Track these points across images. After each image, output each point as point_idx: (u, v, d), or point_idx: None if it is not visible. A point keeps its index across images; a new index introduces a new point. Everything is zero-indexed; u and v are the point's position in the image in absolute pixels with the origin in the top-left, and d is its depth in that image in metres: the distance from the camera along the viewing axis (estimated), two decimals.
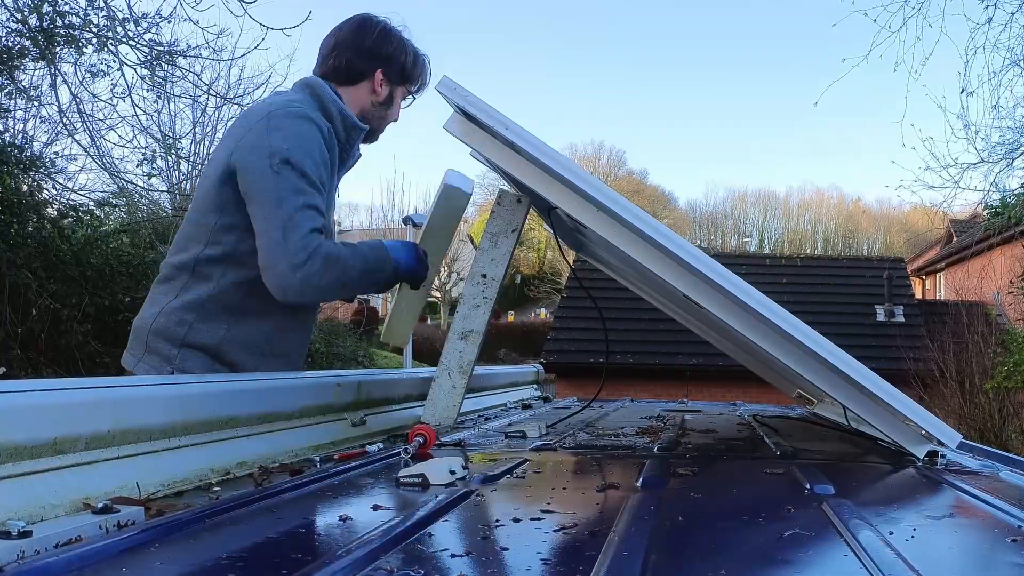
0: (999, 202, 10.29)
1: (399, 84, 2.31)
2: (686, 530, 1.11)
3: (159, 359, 2.08)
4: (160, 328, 2.09)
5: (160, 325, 2.09)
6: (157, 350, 2.09)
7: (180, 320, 2.08)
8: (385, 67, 2.27)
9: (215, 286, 2.08)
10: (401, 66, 2.29)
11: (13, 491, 1.00)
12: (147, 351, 2.10)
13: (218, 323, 2.08)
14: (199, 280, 2.09)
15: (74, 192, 8.51)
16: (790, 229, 52.89)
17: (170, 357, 2.07)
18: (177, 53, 7.38)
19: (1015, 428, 9.21)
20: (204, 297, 2.08)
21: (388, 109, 2.32)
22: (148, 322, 2.12)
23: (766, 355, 1.89)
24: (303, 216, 1.96)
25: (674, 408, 3.33)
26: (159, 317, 2.10)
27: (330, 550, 0.90)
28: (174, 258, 2.16)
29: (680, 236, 1.76)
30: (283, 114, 2.06)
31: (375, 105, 2.28)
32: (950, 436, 1.74)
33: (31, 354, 7.04)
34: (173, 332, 2.08)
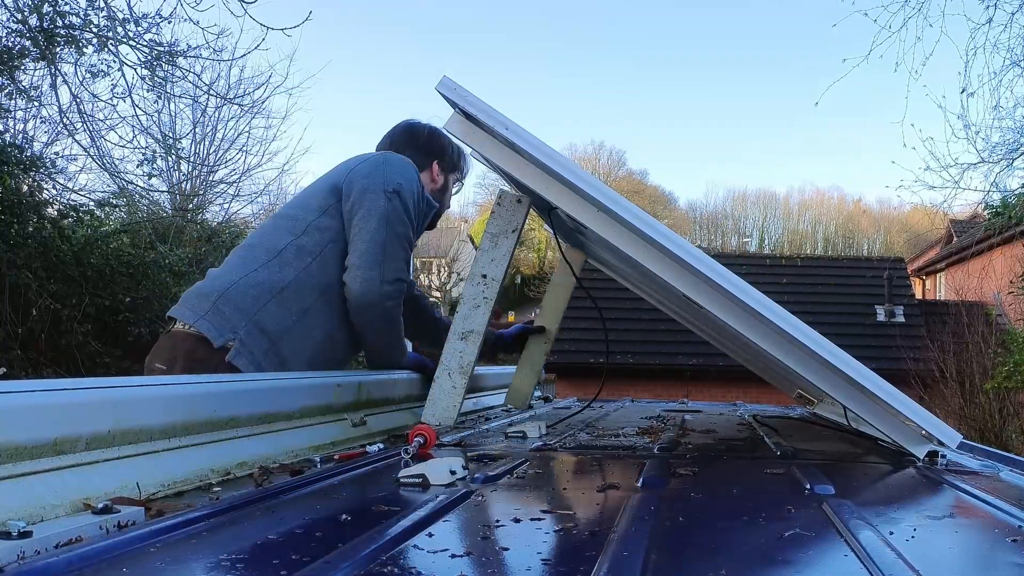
0: (999, 202, 10.30)
1: (451, 172, 2.61)
2: (686, 530, 1.11)
3: (223, 321, 2.15)
4: (235, 296, 2.18)
5: (236, 293, 2.18)
6: (224, 314, 2.16)
7: (257, 296, 2.18)
8: (440, 159, 2.57)
9: (295, 275, 2.22)
10: (452, 158, 2.60)
11: (13, 491, 1.00)
12: (215, 312, 2.17)
13: (288, 313, 2.20)
14: (282, 265, 2.22)
15: (74, 192, 8.52)
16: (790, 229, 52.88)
17: (236, 327, 2.15)
18: (177, 53, 7.38)
19: (1015, 428, 9.21)
20: (283, 282, 2.20)
21: (444, 195, 2.60)
22: (223, 287, 2.20)
23: (766, 355, 1.89)
24: (402, 247, 2.27)
25: (674, 408, 3.33)
26: (237, 285, 2.19)
27: (330, 550, 0.90)
28: (262, 237, 2.32)
29: (680, 236, 1.76)
30: (398, 160, 2.37)
31: (433, 193, 2.52)
32: (950, 436, 1.74)
33: (31, 354, 7.04)
34: (247, 306, 2.17)
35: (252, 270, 2.22)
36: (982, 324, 10.72)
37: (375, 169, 2.29)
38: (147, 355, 2.28)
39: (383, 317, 2.25)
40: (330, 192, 2.30)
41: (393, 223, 2.24)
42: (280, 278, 2.20)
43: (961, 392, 9.77)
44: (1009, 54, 8.78)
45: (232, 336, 2.13)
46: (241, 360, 2.13)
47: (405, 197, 2.27)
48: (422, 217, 2.41)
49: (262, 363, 2.15)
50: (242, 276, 2.21)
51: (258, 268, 2.22)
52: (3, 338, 6.78)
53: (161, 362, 2.20)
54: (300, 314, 2.20)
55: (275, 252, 2.23)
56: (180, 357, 2.16)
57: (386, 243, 2.22)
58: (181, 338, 2.18)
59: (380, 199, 2.23)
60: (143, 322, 7.47)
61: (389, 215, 2.23)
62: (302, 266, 2.22)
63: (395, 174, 2.28)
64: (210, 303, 2.18)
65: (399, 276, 2.26)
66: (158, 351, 2.25)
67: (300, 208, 2.32)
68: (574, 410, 2.97)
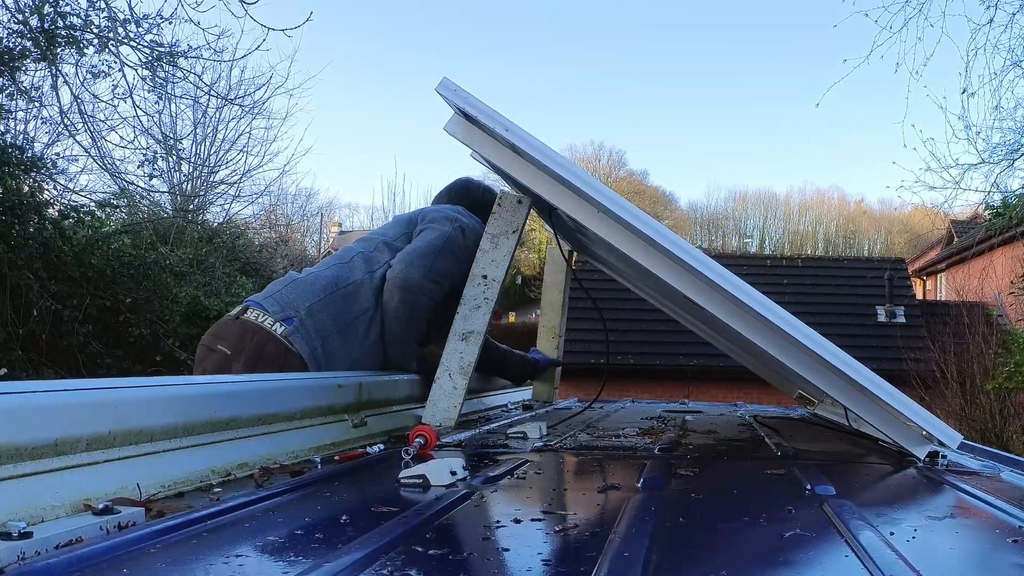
0: (1000, 203, 10.29)
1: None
2: (687, 531, 1.11)
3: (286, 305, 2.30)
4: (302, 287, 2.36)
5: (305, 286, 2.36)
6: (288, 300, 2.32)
7: (322, 287, 2.36)
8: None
9: (359, 276, 2.37)
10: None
11: (14, 492, 1.00)
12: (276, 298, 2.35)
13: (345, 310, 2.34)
14: (351, 268, 2.39)
15: (75, 193, 8.53)
16: (791, 230, 52.85)
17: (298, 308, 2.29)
18: (178, 54, 7.39)
19: (1016, 429, 9.20)
20: (346, 280, 2.37)
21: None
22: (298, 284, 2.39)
23: (767, 356, 1.89)
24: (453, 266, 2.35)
25: (675, 409, 3.33)
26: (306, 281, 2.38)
27: (331, 551, 0.90)
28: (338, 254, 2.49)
29: (681, 237, 1.76)
30: (472, 216, 2.52)
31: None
32: (951, 437, 1.74)
33: (32, 355, 7.05)
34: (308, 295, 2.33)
35: (321, 270, 2.42)
36: (983, 325, 10.70)
37: (449, 211, 2.49)
38: (206, 335, 2.36)
39: (410, 304, 2.32)
40: (406, 223, 2.51)
41: (452, 245, 2.38)
42: (345, 276, 2.37)
43: (962, 393, 9.76)
44: (1010, 54, 8.79)
45: (293, 314, 2.27)
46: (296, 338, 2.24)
47: (468, 234, 2.40)
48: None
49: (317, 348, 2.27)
50: (313, 274, 2.41)
51: (326, 268, 2.42)
52: (4, 339, 6.79)
53: (227, 346, 2.27)
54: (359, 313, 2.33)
55: (344, 260, 2.42)
56: (249, 347, 2.23)
57: (441, 251, 2.36)
58: (254, 329, 2.25)
59: (446, 224, 2.41)
60: (144, 323, 7.47)
61: (450, 236, 2.38)
62: (368, 270, 2.38)
63: (466, 217, 2.48)
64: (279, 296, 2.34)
65: (441, 281, 2.35)
66: (223, 334, 2.30)
67: (377, 233, 2.54)
68: (575, 411, 2.97)
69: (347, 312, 2.34)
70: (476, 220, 2.50)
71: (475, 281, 2.14)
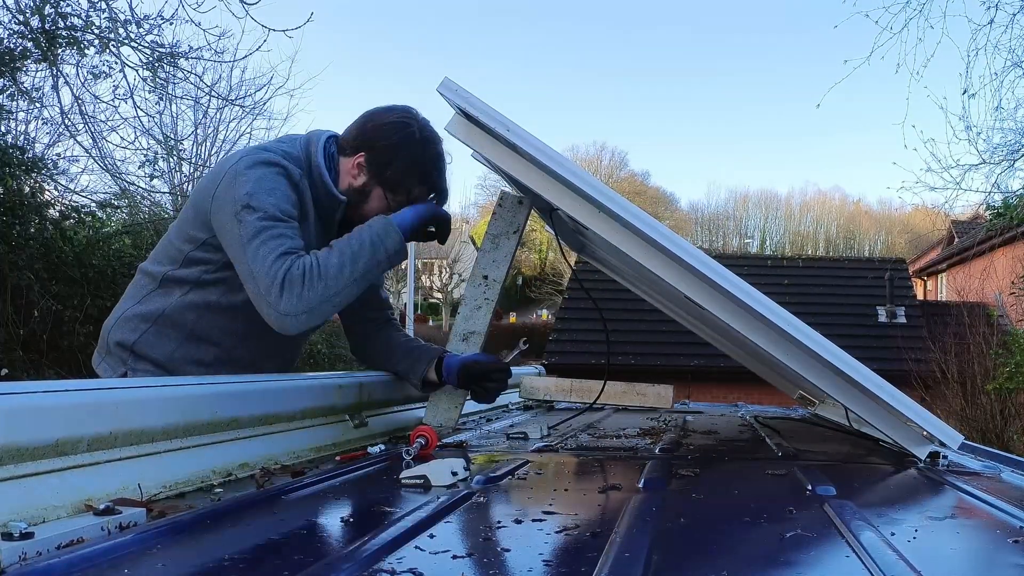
0: (1001, 203, 10.29)
1: (377, 183, 2.12)
2: (688, 531, 1.11)
3: (115, 360, 2.09)
4: (117, 331, 2.10)
5: (117, 328, 2.10)
6: (115, 352, 2.10)
7: (135, 328, 2.08)
8: (368, 153, 2.11)
9: (173, 304, 2.06)
10: (384, 164, 2.10)
11: (15, 492, 1.00)
12: (108, 352, 2.11)
13: (168, 340, 2.05)
14: (162, 294, 2.08)
15: (76, 194, 8.53)
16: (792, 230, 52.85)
17: (124, 360, 2.08)
18: (179, 55, 7.39)
19: (1017, 429, 9.20)
20: (160, 311, 2.06)
21: (364, 204, 2.12)
22: (110, 324, 2.13)
23: (768, 356, 1.89)
24: (265, 249, 1.89)
25: (676, 409, 3.33)
26: (119, 321, 2.11)
27: (332, 551, 0.90)
28: (148, 265, 2.15)
29: (682, 237, 1.76)
30: (246, 164, 2.01)
31: (352, 189, 2.12)
32: (952, 437, 1.74)
33: (33, 355, 7.05)
34: (126, 338, 2.08)
35: (133, 303, 2.12)
36: (983, 325, 10.70)
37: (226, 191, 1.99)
38: None
39: (309, 313, 1.88)
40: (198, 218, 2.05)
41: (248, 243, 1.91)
42: (156, 307, 2.07)
43: (962, 393, 9.75)
44: (1010, 55, 8.80)
45: (123, 373, 2.07)
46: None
47: (256, 205, 1.93)
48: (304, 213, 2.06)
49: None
50: (124, 311, 2.12)
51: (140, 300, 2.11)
52: (5, 339, 6.79)
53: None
54: (181, 338, 2.06)
55: (156, 282, 2.09)
56: None
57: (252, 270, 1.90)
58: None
59: (233, 228, 1.94)
60: None
61: (243, 239, 1.92)
62: (180, 292, 2.06)
63: (240, 188, 1.96)
64: (105, 342, 2.13)
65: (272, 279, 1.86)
66: None
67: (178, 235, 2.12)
68: (575, 411, 2.97)
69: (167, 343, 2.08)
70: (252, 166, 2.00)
71: (476, 281, 2.14)
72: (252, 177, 1.98)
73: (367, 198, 2.12)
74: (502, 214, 2.16)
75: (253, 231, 1.91)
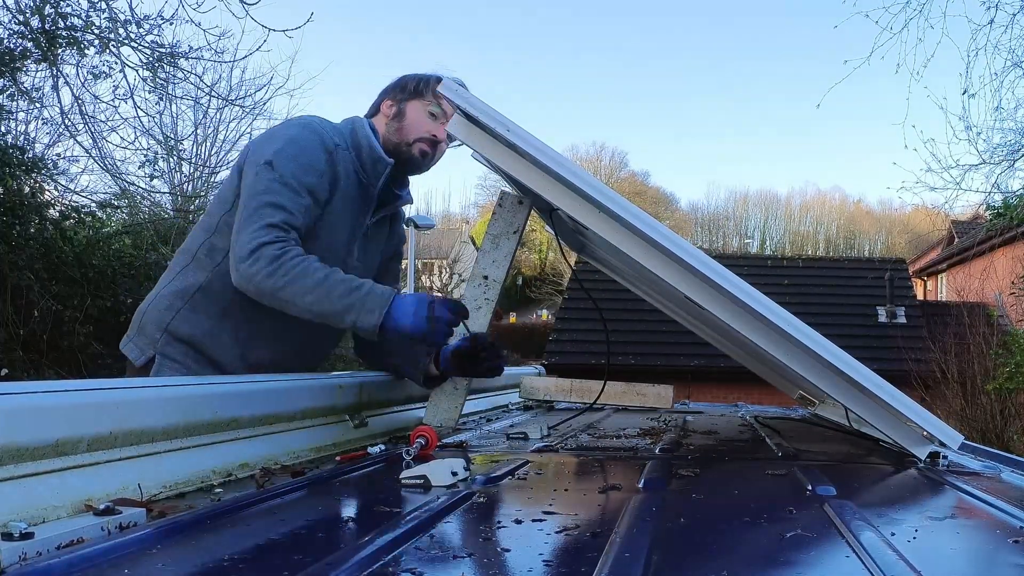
0: (1001, 203, 10.30)
1: (408, 100, 2.23)
2: (688, 531, 1.11)
3: (146, 340, 2.09)
4: (152, 310, 2.11)
5: (153, 308, 2.11)
6: (146, 331, 2.10)
7: (169, 305, 2.08)
8: (391, 95, 2.25)
9: (208, 276, 2.07)
10: (408, 88, 2.24)
11: (15, 493, 1.00)
12: (138, 332, 2.12)
13: (204, 316, 2.06)
14: (196, 268, 2.09)
15: (76, 194, 8.53)
16: (792, 230, 52.84)
17: (154, 340, 2.07)
18: (179, 55, 7.39)
19: (1017, 429, 9.20)
20: (196, 286, 2.07)
21: (402, 121, 2.20)
22: (144, 307, 2.14)
23: (768, 356, 1.89)
24: (261, 213, 1.93)
25: (676, 409, 3.33)
26: (154, 300, 2.12)
27: (332, 551, 0.90)
28: (184, 246, 2.18)
29: (682, 237, 1.76)
30: (284, 126, 2.12)
31: (390, 125, 2.20)
32: (952, 437, 1.74)
33: (33, 356, 7.05)
34: (161, 317, 2.08)
35: (168, 281, 2.13)
36: (983, 325, 10.70)
37: (258, 146, 2.08)
38: None
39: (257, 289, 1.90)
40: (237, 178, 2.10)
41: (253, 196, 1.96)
42: (192, 282, 2.08)
43: (963, 393, 9.75)
44: (1010, 55, 8.79)
45: (152, 353, 2.06)
46: (164, 373, 2.03)
47: (276, 164, 1.98)
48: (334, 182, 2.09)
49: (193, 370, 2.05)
50: (160, 290, 2.14)
51: (174, 277, 2.12)
52: (5, 339, 6.79)
53: None
54: (217, 314, 2.07)
55: (191, 256, 2.11)
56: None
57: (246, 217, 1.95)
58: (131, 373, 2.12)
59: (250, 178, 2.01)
60: None
61: (251, 189, 1.98)
62: (214, 264, 2.07)
63: (269, 145, 2.04)
64: (137, 323, 2.13)
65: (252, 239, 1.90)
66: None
67: (216, 203, 2.18)
68: (575, 411, 2.97)
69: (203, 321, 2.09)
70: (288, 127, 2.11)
71: (476, 281, 2.14)
72: (284, 137, 2.05)
73: (404, 117, 2.21)
74: (502, 214, 2.16)
75: (263, 187, 1.97)
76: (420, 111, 2.21)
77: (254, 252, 1.89)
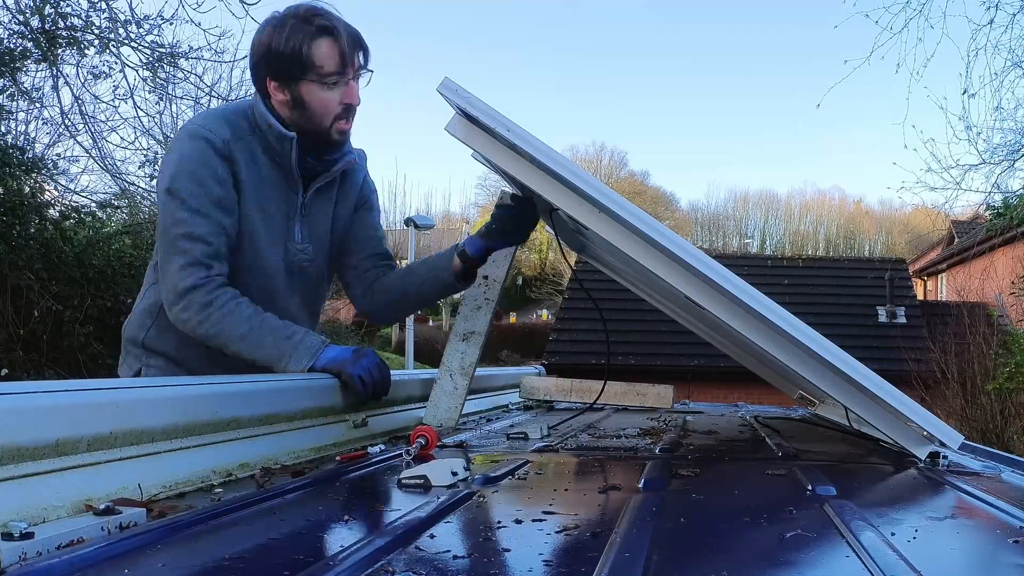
0: (1001, 203, 10.30)
1: (297, 83, 1.97)
2: (688, 531, 1.11)
3: (131, 357, 2.10)
4: (128, 327, 2.11)
5: (129, 325, 2.12)
6: (129, 349, 2.11)
7: (141, 323, 2.08)
8: (271, 72, 1.99)
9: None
10: (286, 67, 1.96)
11: (15, 492, 1.00)
12: (124, 351, 2.12)
13: (171, 332, 2.02)
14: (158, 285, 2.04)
15: (76, 194, 8.54)
16: (792, 230, 52.87)
17: (137, 356, 2.08)
18: (179, 55, 7.40)
19: (1017, 429, 9.20)
20: (160, 302, 2.02)
21: (306, 109, 2.00)
22: (126, 322, 2.15)
23: (768, 356, 1.89)
24: (179, 248, 1.90)
25: (676, 409, 3.33)
26: (131, 317, 2.13)
27: (332, 552, 0.90)
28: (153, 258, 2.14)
29: (681, 237, 1.76)
30: (177, 137, 2.02)
31: (293, 113, 2.01)
32: (952, 437, 1.73)
33: (33, 356, 7.05)
34: (136, 334, 2.08)
35: (141, 297, 2.12)
36: (984, 325, 10.70)
37: (161, 170, 2.02)
38: None
39: (199, 338, 1.92)
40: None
41: (163, 233, 1.93)
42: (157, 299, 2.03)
43: (963, 393, 9.75)
44: (1010, 55, 8.81)
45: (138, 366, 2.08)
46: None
47: (175, 189, 1.91)
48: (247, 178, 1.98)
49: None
50: (133, 310, 2.14)
51: (143, 296, 2.11)
52: (5, 339, 6.79)
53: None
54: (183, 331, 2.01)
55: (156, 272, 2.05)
56: None
57: (162, 259, 1.94)
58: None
59: (160, 210, 1.98)
60: None
61: (161, 225, 1.95)
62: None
63: (166, 166, 1.98)
64: (123, 344, 2.14)
65: (175, 284, 1.89)
66: None
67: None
68: (575, 411, 2.97)
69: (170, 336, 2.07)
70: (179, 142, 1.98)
71: (476, 281, 2.15)
72: (175, 158, 1.95)
73: (304, 105, 1.99)
74: None
75: (170, 220, 1.91)
76: (318, 92, 1.98)
77: (183, 296, 1.89)
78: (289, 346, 1.91)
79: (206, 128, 1.96)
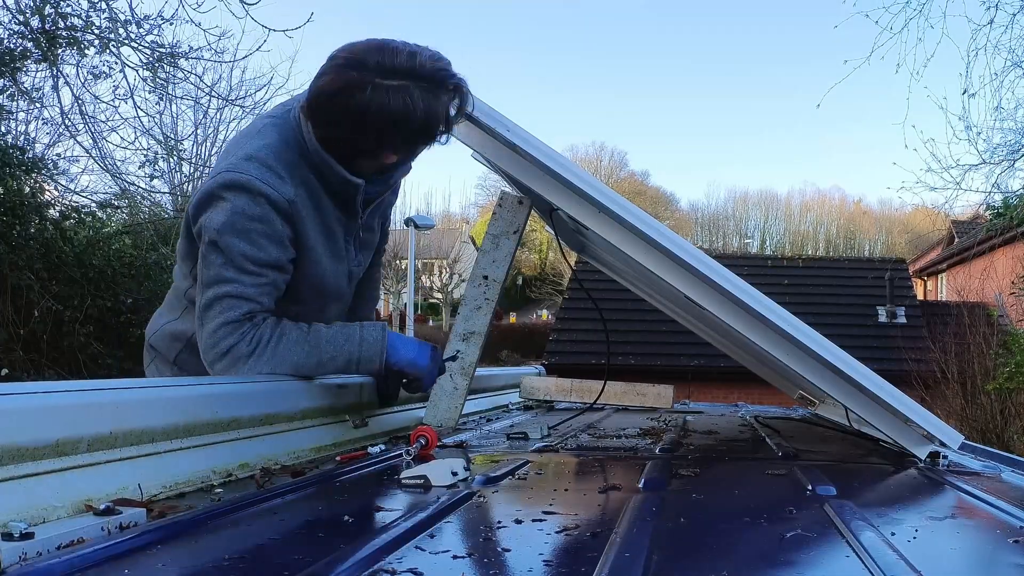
0: (1001, 203, 10.30)
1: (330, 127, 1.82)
2: (688, 531, 1.11)
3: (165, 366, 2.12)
4: (159, 343, 2.12)
5: (159, 341, 2.12)
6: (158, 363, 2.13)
7: (169, 346, 2.10)
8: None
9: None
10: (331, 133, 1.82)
11: (15, 493, 1.00)
12: (155, 358, 2.15)
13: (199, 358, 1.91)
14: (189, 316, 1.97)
15: (76, 194, 8.55)
16: (792, 230, 52.88)
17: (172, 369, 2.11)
18: (179, 55, 7.40)
19: (1017, 429, 9.20)
20: (190, 331, 1.95)
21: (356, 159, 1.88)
22: (150, 332, 2.16)
23: (768, 356, 1.89)
24: (221, 305, 1.76)
25: (676, 409, 3.32)
26: (157, 333, 2.13)
27: (332, 551, 0.90)
28: (177, 272, 2.09)
29: (681, 237, 1.76)
30: (224, 183, 1.77)
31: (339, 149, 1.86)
32: (952, 437, 1.73)
33: (33, 356, 7.05)
34: (167, 353, 2.10)
35: (170, 319, 2.06)
36: (984, 325, 10.70)
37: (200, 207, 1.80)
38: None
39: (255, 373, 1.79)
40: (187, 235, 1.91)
41: (205, 288, 1.79)
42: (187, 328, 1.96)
43: (963, 393, 9.76)
44: (1010, 55, 8.82)
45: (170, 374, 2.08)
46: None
47: (224, 245, 1.75)
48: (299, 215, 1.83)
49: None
50: (161, 326, 2.09)
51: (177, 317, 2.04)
52: (5, 339, 6.79)
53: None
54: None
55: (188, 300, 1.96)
56: None
57: (201, 313, 1.79)
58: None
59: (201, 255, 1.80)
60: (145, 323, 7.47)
61: (203, 277, 1.80)
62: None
63: (215, 215, 1.77)
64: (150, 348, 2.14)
65: (214, 343, 1.77)
66: None
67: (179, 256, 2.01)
68: (575, 411, 2.97)
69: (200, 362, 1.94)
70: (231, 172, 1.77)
71: (476, 282, 2.15)
72: (227, 208, 1.76)
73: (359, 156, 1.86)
74: (502, 214, 2.16)
75: (213, 275, 1.77)
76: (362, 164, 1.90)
77: (225, 355, 1.76)
78: (352, 348, 1.84)
79: (265, 183, 1.76)
